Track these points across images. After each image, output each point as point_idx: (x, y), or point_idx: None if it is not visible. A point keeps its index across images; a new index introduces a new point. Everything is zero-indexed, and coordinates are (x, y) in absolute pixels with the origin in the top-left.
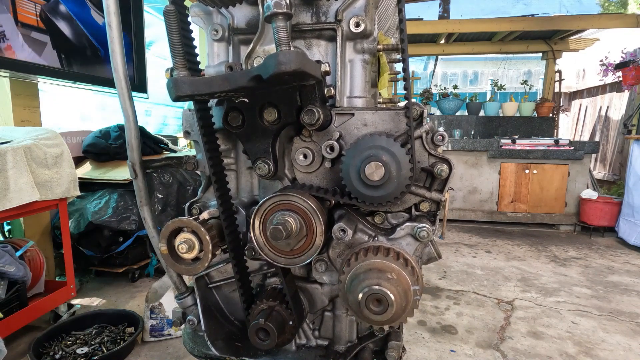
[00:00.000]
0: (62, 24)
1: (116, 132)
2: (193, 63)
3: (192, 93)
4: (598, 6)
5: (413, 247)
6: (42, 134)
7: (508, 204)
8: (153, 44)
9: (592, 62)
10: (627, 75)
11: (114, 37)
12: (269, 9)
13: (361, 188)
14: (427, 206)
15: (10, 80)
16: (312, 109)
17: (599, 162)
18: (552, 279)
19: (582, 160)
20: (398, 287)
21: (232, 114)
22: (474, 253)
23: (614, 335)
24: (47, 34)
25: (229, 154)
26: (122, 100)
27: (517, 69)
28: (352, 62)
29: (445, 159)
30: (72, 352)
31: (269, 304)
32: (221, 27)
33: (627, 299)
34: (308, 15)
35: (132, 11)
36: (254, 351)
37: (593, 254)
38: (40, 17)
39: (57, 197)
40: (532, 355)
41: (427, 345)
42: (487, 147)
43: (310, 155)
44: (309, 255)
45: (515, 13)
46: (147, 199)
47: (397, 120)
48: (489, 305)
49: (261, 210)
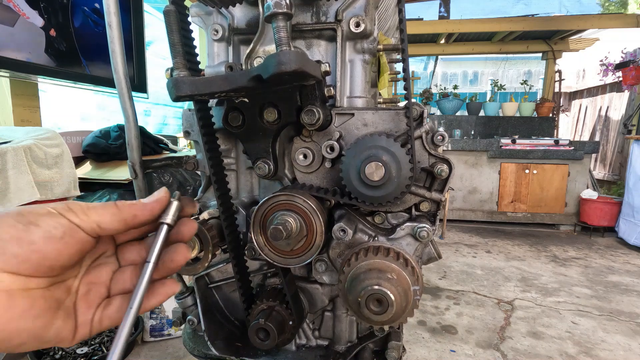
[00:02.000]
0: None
1: (116, 132)
2: (193, 63)
3: (192, 93)
4: (598, 6)
5: (413, 247)
6: (42, 134)
7: (508, 204)
8: (152, 44)
9: (592, 62)
10: (627, 75)
11: (114, 37)
12: (269, 9)
13: (361, 188)
14: (427, 206)
15: (10, 80)
16: (312, 109)
17: (599, 162)
18: (552, 279)
19: (582, 160)
20: (398, 287)
21: (232, 114)
22: (474, 253)
23: (614, 335)
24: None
25: (229, 154)
26: (122, 100)
27: (517, 69)
28: (352, 62)
29: (445, 159)
30: (72, 352)
31: (269, 304)
32: (221, 27)
33: (627, 299)
34: (308, 15)
35: (132, 11)
36: (254, 351)
37: (593, 254)
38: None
39: (57, 197)
40: (532, 355)
41: (427, 345)
42: (487, 147)
43: (310, 155)
44: (309, 255)
45: (515, 13)
46: None
47: (397, 120)
48: (489, 305)
49: (261, 210)
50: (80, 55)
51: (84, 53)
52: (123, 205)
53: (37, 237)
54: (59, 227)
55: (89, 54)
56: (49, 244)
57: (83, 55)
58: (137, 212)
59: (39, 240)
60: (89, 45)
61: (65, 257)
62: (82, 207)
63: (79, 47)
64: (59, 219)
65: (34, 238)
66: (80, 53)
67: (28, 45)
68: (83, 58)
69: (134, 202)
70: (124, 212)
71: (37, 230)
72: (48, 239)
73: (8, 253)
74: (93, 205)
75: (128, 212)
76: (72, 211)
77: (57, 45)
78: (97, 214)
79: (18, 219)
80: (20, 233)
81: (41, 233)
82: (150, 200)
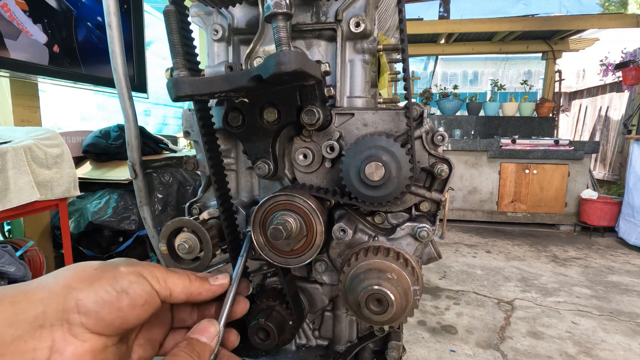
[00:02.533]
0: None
1: (116, 132)
2: (193, 63)
3: (192, 93)
4: (598, 6)
5: (413, 247)
6: (42, 134)
7: (508, 204)
8: (152, 44)
9: (592, 62)
10: (627, 75)
11: (114, 37)
12: (269, 9)
13: (361, 188)
14: (427, 206)
15: (10, 80)
16: (312, 109)
17: (599, 162)
18: (552, 279)
19: (582, 160)
20: (398, 287)
21: (232, 114)
22: (474, 253)
23: (614, 335)
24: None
25: (229, 154)
26: (122, 100)
27: (517, 69)
28: (352, 62)
29: (445, 159)
30: None
31: (269, 304)
32: (221, 27)
33: (627, 299)
34: (308, 15)
35: (132, 11)
36: (254, 351)
37: (593, 254)
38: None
39: (57, 197)
40: (532, 355)
41: (427, 345)
42: (487, 147)
43: (310, 155)
44: (309, 255)
45: (515, 13)
46: (147, 199)
47: (397, 121)
48: (489, 305)
49: (261, 210)
50: (83, 71)
51: (87, 68)
52: (194, 280)
53: (125, 305)
54: (144, 296)
55: (92, 69)
56: (132, 311)
57: (86, 71)
58: (203, 291)
59: (126, 307)
60: (92, 61)
61: (142, 320)
62: (163, 274)
63: (82, 63)
64: (144, 286)
65: (122, 306)
66: (83, 68)
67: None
68: (85, 70)
69: (204, 280)
70: (193, 287)
71: (126, 298)
72: (133, 307)
73: (99, 317)
74: (171, 273)
75: (196, 289)
76: (156, 277)
77: (61, 62)
78: (173, 283)
79: (113, 284)
80: (112, 299)
81: (129, 301)
82: (216, 284)
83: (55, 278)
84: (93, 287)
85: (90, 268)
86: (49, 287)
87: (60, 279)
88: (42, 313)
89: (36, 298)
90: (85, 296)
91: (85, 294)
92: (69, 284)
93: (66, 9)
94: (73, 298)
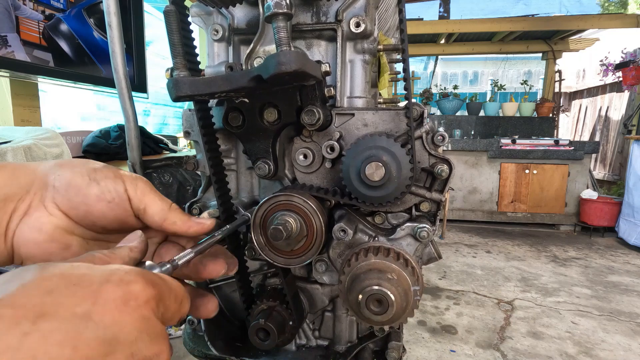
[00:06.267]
0: (63, 41)
1: (116, 132)
2: (193, 63)
3: (192, 93)
4: (598, 6)
5: (413, 248)
6: (42, 134)
7: (508, 204)
8: (152, 44)
9: (592, 62)
10: (627, 75)
11: (114, 37)
12: (269, 9)
13: (361, 188)
14: (428, 206)
15: (10, 80)
16: (313, 109)
17: (599, 162)
18: (552, 279)
19: (582, 161)
20: (398, 287)
21: (232, 114)
22: (474, 253)
23: (614, 335)
24: (49, 52)
25: (229, 154)
26: (122, 100)
27: (517, 69)
28: (353, 62)
29: (445, 159)
30: None
31: (269, 304)
32: (221, 27)
33: (627, 299)
34: (308, 15)
35: (132, 11)
36: (254, 351)
37: (593, 254)
38: (42, 35)
39: None
40: (532, 355)
41: (427, 345)
42: (487, 147)
43: (311, 155)
44: (309, 255)
45: (515, 13)
46: None
47: (397, 121)
48: (489, 305)
49: (261, 211)
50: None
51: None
52: (175, 209)
53: (92, 193)
54: (112, 193)
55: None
56: (98, 202)
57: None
58: (179, 222)
59: (92, 196)
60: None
61: (106, 219)
62: (146, 187)
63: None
64: (117, 185)
65: (89, 193)
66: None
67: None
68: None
69: (185, 213)
70: (171, 214)
71: (96, 187)
72: (99, 199)
73: (66, 196)
74: (154, 192)
75: (173, 216)
76: (135, 186)
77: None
78: (151, 199)
79: (90, 173)
80: (82, 184)
81: (97, 191)
82: (196, 221)
83: (58, 160)
84: (72, 170)
85: (92, 162)
86: (46, 164)
87: (59, 161)
88: (31, 181)
89: (31, 169)
90: (62, 175)
91: (64, 173)
92: (61, 164)
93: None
94: (54, 174)
